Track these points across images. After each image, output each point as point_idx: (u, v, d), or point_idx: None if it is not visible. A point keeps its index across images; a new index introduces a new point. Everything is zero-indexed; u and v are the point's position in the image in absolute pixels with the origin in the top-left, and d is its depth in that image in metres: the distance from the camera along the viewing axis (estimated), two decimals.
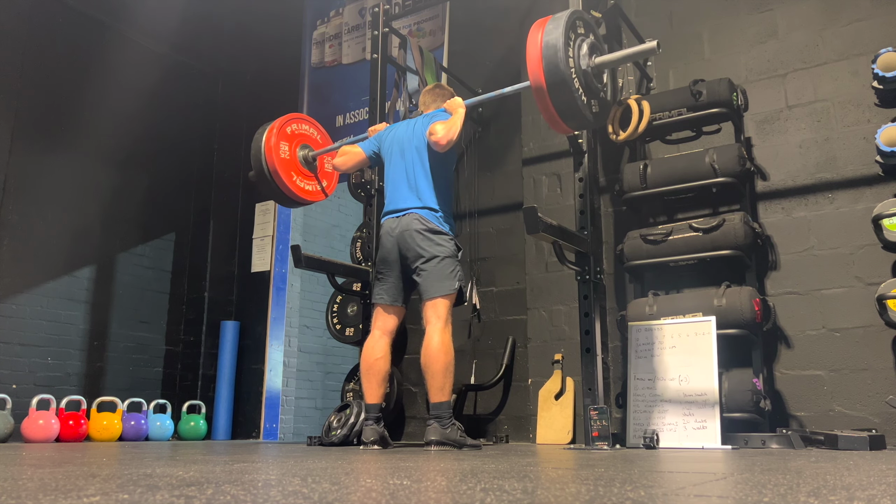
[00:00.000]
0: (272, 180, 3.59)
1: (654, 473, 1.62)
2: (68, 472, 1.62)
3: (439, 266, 3.16)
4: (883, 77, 3.42)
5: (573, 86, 2.63)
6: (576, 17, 2.76)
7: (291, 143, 3.70)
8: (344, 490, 1.20)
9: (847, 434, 2.84)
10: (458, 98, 3.34)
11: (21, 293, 4.91)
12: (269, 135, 3.60)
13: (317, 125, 3.92)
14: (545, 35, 2.66)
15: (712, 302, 3.39)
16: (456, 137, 3.18)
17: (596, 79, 2.79)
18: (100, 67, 5.59)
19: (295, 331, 5.96)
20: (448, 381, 3.10)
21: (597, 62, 2.78)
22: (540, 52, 2.64)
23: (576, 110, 2.67)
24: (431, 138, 3.19)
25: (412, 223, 3.21)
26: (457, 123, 3.19)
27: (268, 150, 3.57)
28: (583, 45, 2.74)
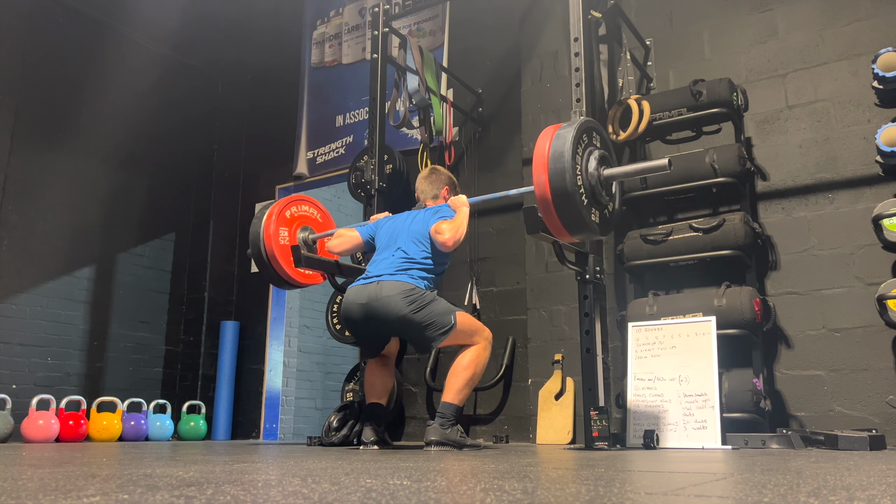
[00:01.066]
0: (270, 265, 3.58)
1: (654, 473, 1.62)
2: (68, 472, 1.62)
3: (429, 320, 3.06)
4: (883, 77, 3.42)
5: (579, 199, 2.57)
6: (586, 126, 2.71)
7: (291, 227, 3.68)
8: (344, 490, 1.20)
9: (847, 434, 2.84)
10: (461, 196, 3.30)
11: (21, 293, 4.92)
12: (269, 221, 3.57)
13: (317, 205, 3.89)
14: (552, 145, 2.58)
15: (712, 302, 3.39)
16: (463, 238, 3.15)
17: (604, 190, 2.72)
18: (100, 67, 5.59)
19: (295, 331, 5.96)
20: (467, 390, 3.12)
21: (605, 174, 2.73)
22: (546, 162, 2.57)
23: (581, 223, 2.59)
24: (438, 238, 3.14)
25: (383, 288, 3.07)
26: (463, 223, 3.16)
27: (266, 237, 3.55)
28: (591, 157, 2.68)
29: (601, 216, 2.74)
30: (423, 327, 3.07)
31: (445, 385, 3.14)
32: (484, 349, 3.18)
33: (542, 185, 2.58)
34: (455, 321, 3.09)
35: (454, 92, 5.01)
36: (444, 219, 3.21)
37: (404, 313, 3.03)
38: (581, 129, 2.66)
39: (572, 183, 2.54)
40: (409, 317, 3.04)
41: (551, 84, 4.55)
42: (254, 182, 6.24)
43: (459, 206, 3.24)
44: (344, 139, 5.67)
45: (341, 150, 5.67)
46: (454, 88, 5.01)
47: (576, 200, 2.55)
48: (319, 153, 5.79)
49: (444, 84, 5.00)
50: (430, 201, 3.48)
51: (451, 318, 3.09)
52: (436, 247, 3.18)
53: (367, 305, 3.09)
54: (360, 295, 3.13)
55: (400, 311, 3.03)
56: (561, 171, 2.54)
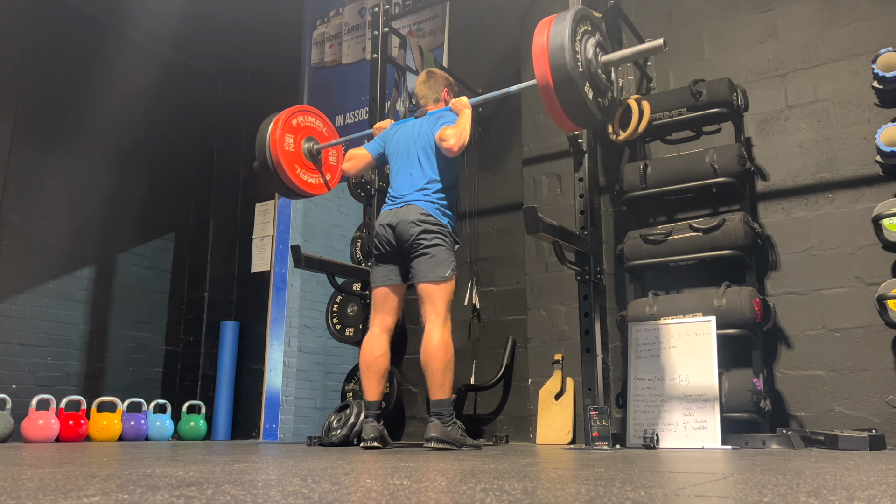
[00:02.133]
0: (275, 172, 3.60)
1: (654, 473, 1.62)
2: (68, 472, 1.62)
3: (432, 251, 3.17)
4: (883, 77, 3.42)
5: (580, 83, 2.61)
6: (581, 14, 2.75)
7: (297, 136, 3.70)
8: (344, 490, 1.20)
9: (847, 434, 2.84)
10: (463, 98, 3.33)
11: (21, 293, 4.92)
12: (275, 126, 3.60)
13: (323, 118, 3.92)
14: (551, 33, 2.63)
15: (712, 302, 3.39)
16: (467, 141, 3.20)
17: (603, 76, 2.78)
18: (100, 67, 5.59)
19: (295, 331, 5.96)
20: (448, 378, 3.10)
21: (603, 60, 2.77)
22: (546, 49, 2.62)
23: (583, 108, 2.65)
24: (443, 144, 3.20)
25: (409, 213, 3.22)
26: (466, 127, 3.20)
27: (272, 142, 3.58)
28: (588, 42, 2.73)
29: (601, 103, 2.76)
30: (424, 257, 3.15)
31: (427, 383, 3.13)
32: (446, 328, 3.16)
33: (544, 73, 2.61)
34: (449, 278, 3.17)
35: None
36: (447, 125, 3.25)
37: (415, 238, 3.16)
38: (577, 16, 2.70)
39: (573, 68, 2.58)
40: (418, 240, 3.16)
41: None
42: (254, 182, 6.23)
43: (462, 109, 3.27)
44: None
45: None
46: None
47: (577, 86, 2.59)
48: None
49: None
50: (432, 105, 3.51)
51: (448, 272, 3.17)
52: (442, 154, 3.25)
53: (397, 227, 3.23)
54: (390, 216, 3.28)
55: (413, 233, 3.17)
56: (561, 58, 2.58)
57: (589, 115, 2.68)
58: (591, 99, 2.68)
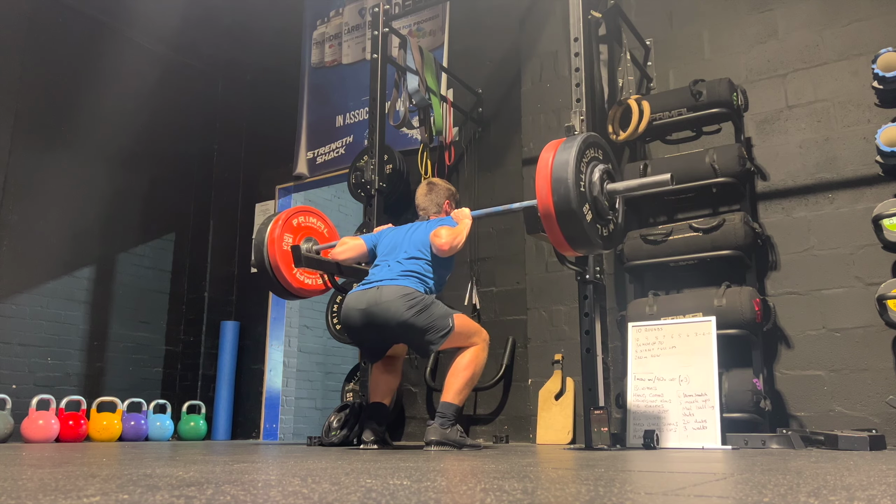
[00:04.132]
0: (272, 274, 3.55)
1: (654, 473, 1.62)
2: (68, 472, 1.62)
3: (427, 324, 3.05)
4: (883, 77, 3.42)
5: (583, 213, 2.54)
6: (588, 141, 2.69)
7: (296, 236, 3.66)
8: (344, 490, 1.20)
9: (847, 434, 2.84)
10: (465, 209, 3.31)
11: (21, 293, 4.92)
12: (274, 226, 3.55)
13: (324, 218, 3.88)
14: (556, 159, 2.56)
15: (712, 302, 3.39)
16: (460, 246, 3.16)
17: (608, 204, 2.71)
18: (100, 67, 5.59)
19: (295, 331, 5.96)
20: (466, 390, 3.13)
21: (609, 189, 2.71)
22: (550, 176, 2.55)
23: (585, 237, 2.57)
24: (436, 241, 3.15)
25: (383, 293, 3.06)
26: (462, 233, 3.17)
27: (270, 243, 3.52)
28: (594, 170, 2.65)
29: (605, 231, 2.72)
30: (423, 331, 3.06)
31: (445, 385, 3.15)
32: (482, 350, 3.19)
33: (546, 198, 2.56)
34: (453, 324, 3.09)
35: (454, 92, 5.01)
36: (444, 225, 3.23)
37: (405, 318, 3.02)
38: (585, 143, 2.65)
39: (576, 197, 2.51)
40: (410, 321, 3.03)
41: (551, 84, 4.55)
42: (254, 182, 6.24)
43: (462, 218, 3.25)
44: (344, 139, 5.67)
45: (341, 150, 5.67)
46: (454, 88, 5.01)
47: (579, 216, 2.52)
48: (319, 153, 5.79)
49: (444, 84, 5.00)
50: (433, 216, 3.47)
51: (449, 321, 3.09)
52: (434, 255, 3.19)
53: (367, 311, 3.08)
54: (359, 300, 3.12)
55: (400, 316, 3.02)
56: (564, 185, 2.51)
57: (592, 243, 2.62)
58: (595, 227, 2.62)
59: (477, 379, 3.20)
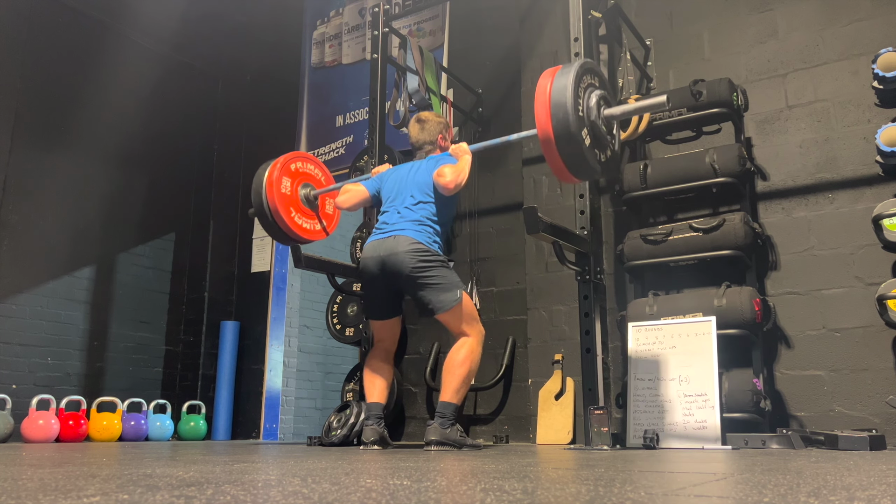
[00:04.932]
0: (272, 218, 3.56)
1: (654, 473, 1.62)
2: (68, 472, 1.62)
3: (435, 281, 3.12)
4: (883, 77, 3.42)
5: (581, 137, 2.57)
6: (585, 67, 2.72)
7: (294, 181, 3.65)
8: (344, 490, 1.20)
9: (847, 434, 2.83)
10: (462, 144, 3.31)
11: (21, 293, 4.92)
12: (272, 170, 3.56)
13: (320, 164, 3.88)
14: (554, 85, 2.58)
15: (712, 302, 3.39)
16: (464, 182, 3.17)
17: (605, 130, 2.74)
18: (100, 67, 5.59)
19: (295, 331, 5.96)
20: (464, 388, 3.13)
21: (606, 114, 2.73)
22: (548, 102, 2.57)
23: (584, 162, 2.60)
24: (440, 180, 3.17)
25: (398, 244, 3.14)
26: (465, 169, 3.18)
27: (269, 186, 3.53)
28: (592, 96, 2.68)
29: (602, 157, 2.74)
30: (429, 286, 3.12)
31: (442, 384, 3.15)
32: (478, 344, 3.19)
33: (545, 124, 2.59)
34: (461, 297, 3.14)
35: (454, 92, 5.01)
36: (446, 164, 3.24)
37: (413, 272, 3.10)
38: (582, 68, 2.67)
39: (575, 122, 2.54)
40: (416, 275, 3.10)
41: None
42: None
43: (462, 155, 3.26)
44: (344, 139, 5.67)
45: (341, 150, 5.67)
46: (454, 88, 5.01)
47: (577, 139, 2.55)
48: (319, 153, 5.79)
49: (444, 84, 5.00)
50: (429, 149, 3.48)
51: (457, 292, 3.14)
52: (439, 193, 3.22)
53: (384, 259, 3.17)
54: (378, 248, 3.21)
55: (410, 269, 3.11)
56: (563, 111, 2.54)
57: (590, 168, 2.64)
58: (593, 152, 2.65)
59: (474, 375, 3.19)
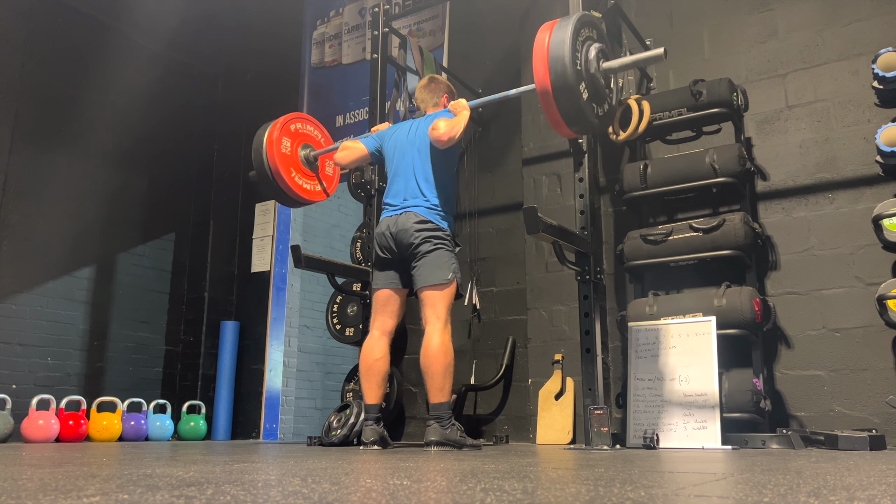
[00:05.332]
0: (272, 177, 3.56)
1: (654, 473, 1.62)
2: (68, 472, 1.62)
3: (432, 255, 3.18)
4: (883, 77, 3.42)
5: (580, 90, 2.58)
6: (584, 20, 2.72)
7: (294, 141, 3.66)
8: (344, 490, 1.20)
9: (847, 434, 2.84)
10: (462, 100, 3.34)
11: (21, 293, 4.92)
12: (272, 130, 3.57)
13: (320, 126, 3.89)
14: (552, 38, 2.60)
15: (712, 302, 3.39)
16: (458, 136, 3.20)
17: (603, 83, 2.75)
18: (100, 67, 5.59)
19: (295, 331, 5.96)
20: (448, 381, 3.10)
21: (604, 67, 2.74)
22: (546, 55, 2.59)
23: (581, 115, 2.62)
24: (433, 133, 3.21)
25: (409, 219, 3.23)
26: (460, 123, 3.21)
27: (269, 145, 3.54)
28: (590, 49, 2.70)
29: (600, 110, 2.74)
30: (423, 259, 3.17)
31: (426, 386, 3.13)
32: (447, 332, 3.16)
33: (543, 77, 2.59)
34: (450, 280, 3.17)
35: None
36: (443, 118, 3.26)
37: (413, 240, 3.17)
38: (580, 22, 2.67)
39: (573, 74, 2.55)
40: (417, 244, 3.17)
41: None
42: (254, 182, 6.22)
43: (460, 110, 3.28)
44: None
45: None
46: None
47: (576, 92, 2.56)
48: None
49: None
50: (431, 109, 3.51)
51: (449, 274, 3.17)
52: (437, 155, 3.26)
53: (397, 235, 3.24)
54: (392, 223, 3.28)
55: (412, 235, 3.18)
56: (561, 63, 2.55)
57: (587, 121, 2.66)
58: (590, 106, 2.66)
59: (452, 366, 3.12)
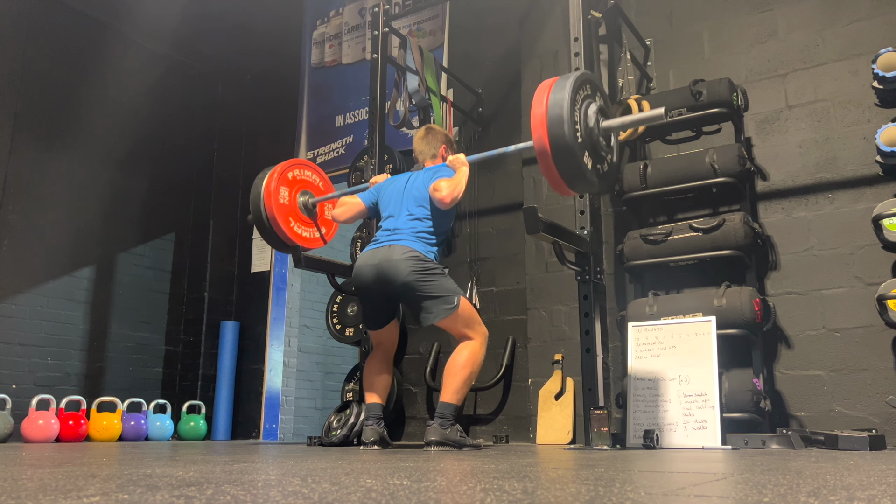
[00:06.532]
0: (269, 226, 3.56)
1: (654, 473, 1.62)
2: (68, 472, 1.62)
3: (431, 289, 3.09)
4: (883, 77, 3.42)
5: (579, 152, 2.53)
6: (582, 79, 2.68)
7: (292, 189, 3.65)
8: (344, 490, 1.20)
9: (847, 434, 2.84)
10: (460, 155, 3.29)
11: (21, 293, 4.92)
12: (270, 179, 3.56)
13: (319, 171, 3.88)
14: (550, 98, 2.54)
15: (712, 302, 3.39)
16: (460, 196, 3.17)
17: (603, 142, 2.71)
18: (100, 67, 5.59)
19: (295, 331, 5.96)
20: (464, 389, 3.13)
21: (604, 126, 2.70)
22: (545, 115, 2.53)
23: (581, 175, 2.55)
24: (436, 195, 3.16)
25: (393, 252, 3.13)
26: (461, 182, 3.16)
27: (266, 195, 3.53)
28: (589, 108, 2.64)
29: (600, 169, 2.72)
30: (426, 297, 3.10)
31: (443, 384, 3.15)
32: (480, 346, 3.18)
33: (541, 136, 2.55)
34: (458, 303, 3.12)
35: (454, 92, 5.01)
36: (443, 178, 3.23)
37: (409, 279, 3.08)
38: (579, 80, 2.64)
39: (571, 134, 2.50)
40: (413, 284, 3.08)
41: None
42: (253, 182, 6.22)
43: (459, 166, 3.24)
44: (344, 139, 5.68)
45: (341, 150, 5.67)
46: (454, 88, 5.01)
47: (574, 152, 2.52)
48: (319, 153, 5.79)
49: (444, 84, 5.00)
50: (429, 161, 3.48)
51: (455, 298, 3.12)
52: (435, 206, 3.21)
53: (379, 266, 3.15)
54: (372, 257, 3.20)
55: (406, 276, 3.08)
56: (559, 123, 2.50)
57: (587, 182, 2.61)
58: (590, 167, 2.61)
59: (475, 377, 3.19)
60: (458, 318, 3.12)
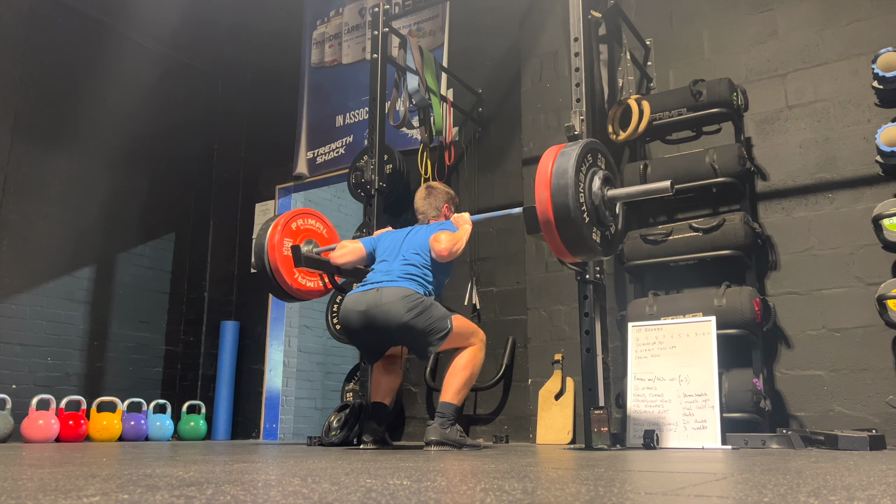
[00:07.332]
0: (272, 277, 3.56)
1: (654, 473, 1.62)
2: (68, 472, 1.62)
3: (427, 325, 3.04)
4: (883, 77, 3.42)
5: (583, 220, 2.53)
6: (588, 147, 2.67)
7: (295, 240, 3.66)
8: (344, 490, 1.20)
9: (847, 434, 2.84)
10: (465, 214, 3.31)
11: (21, 293, 4.91)
12: (273, 231, 3.56)
13: (323, 219, 3.88)
14: (555, 166, 2.54)
15: (712, 302, 3.39)
16: (459, 252, 3.16)
17: (608, 211, 2.68)
18: (100, 67, 5.59)
19: (295, 331, 5.96)
20: (465, 390, 3.14)
21: (609, 195, 2.70)
22: (549, 184, 2.53)
23: (584, 243, 2.55)
24: (436, 245, 3.14)
25: (383, 295, 3.05)
26: (463, 239, 3.17)
27: (270, 248, 3.54)
28: (594, 177, 2.64)
29: (604, 237, 2.70)
30: (423, 333, 3.05)
31: (444, 385, 3.15)
32: (480, 350, 3.20)
33: (545, 204, 2.54)
34: (452, 325, 3.09)
35: (454, 92, 5.01)
36: (445, 231, 3.22)
37: (405, 320, 3.01)
38: (585, 149, 2.63)
39: (575, 203, 2.50)
40: (410, 323, 3.02)
41: (551, 84, 4.55)
42: (254, 182, 6.24)
43: (462, 224, 3.25)
44: (344, 139, 5.67)
45: (341, 150, 5.67)
46: (454, 88, 5.01)
47: (578, 221, 2.51)
48: (319, 153, 5.79)
49: (444, 84, 5.00)
50: (433, 220, 3.47)
51: (448, 322, 3.09)
52: (433, 258, 3.18)
53: (367, 312, 3.07)
54: (359, 302, 3.11)
55: (400, 318, 3.01)
56: (564, 191, 2.50)
57: (591, 250, 2.60)
58: (594, 234, 2.61)
59: (475, 379, 3.20)
60: (454, 337, 3.12)
